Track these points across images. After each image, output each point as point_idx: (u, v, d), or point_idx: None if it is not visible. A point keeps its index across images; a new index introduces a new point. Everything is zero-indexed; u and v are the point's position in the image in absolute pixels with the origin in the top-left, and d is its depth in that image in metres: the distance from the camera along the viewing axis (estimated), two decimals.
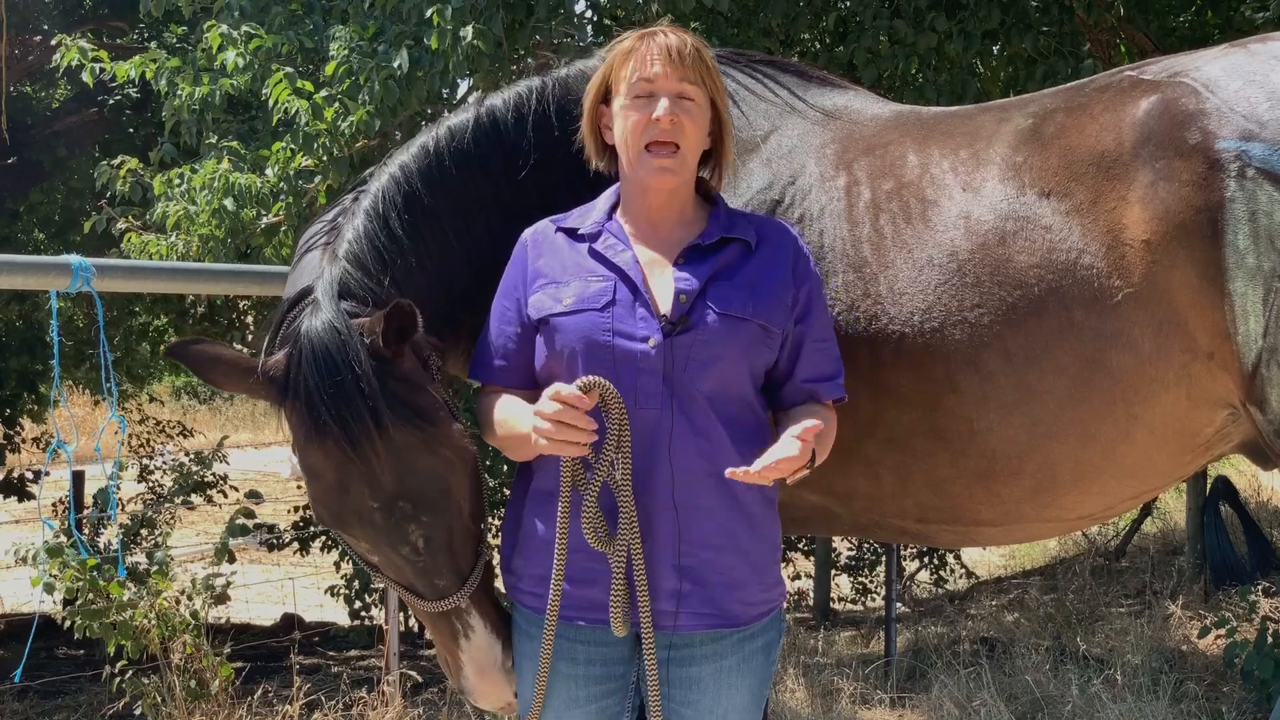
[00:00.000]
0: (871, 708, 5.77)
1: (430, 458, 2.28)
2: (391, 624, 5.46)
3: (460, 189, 2.65)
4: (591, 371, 2.22)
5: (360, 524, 2.29)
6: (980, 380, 2.45)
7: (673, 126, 2.26)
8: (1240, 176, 2.27)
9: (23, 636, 9.47)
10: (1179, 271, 2.32)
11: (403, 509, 2.27)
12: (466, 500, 2.36)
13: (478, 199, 2.67)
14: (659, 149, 2.27)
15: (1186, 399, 2.39)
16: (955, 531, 2.68)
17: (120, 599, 4.70)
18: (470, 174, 2.67)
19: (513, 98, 2.74)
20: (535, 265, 2.38)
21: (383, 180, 2.61)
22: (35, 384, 11.42)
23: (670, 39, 2.30)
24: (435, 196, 2.62)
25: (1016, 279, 2.42)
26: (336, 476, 2.27)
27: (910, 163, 2.59)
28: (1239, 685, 5.53)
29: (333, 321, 2.27)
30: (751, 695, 2.35)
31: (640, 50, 2.31)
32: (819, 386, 2.35)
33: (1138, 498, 2.66)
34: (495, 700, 2.43)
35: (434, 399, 2.33)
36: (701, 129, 2.31)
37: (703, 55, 2.31)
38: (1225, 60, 2.42)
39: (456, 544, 2.35)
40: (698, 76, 2.28)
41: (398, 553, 2.31)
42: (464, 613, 2.37)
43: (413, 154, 2.66)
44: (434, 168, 2.64)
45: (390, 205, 2.56)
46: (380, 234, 2.53)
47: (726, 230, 2.35)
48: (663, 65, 2.27)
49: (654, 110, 2.25)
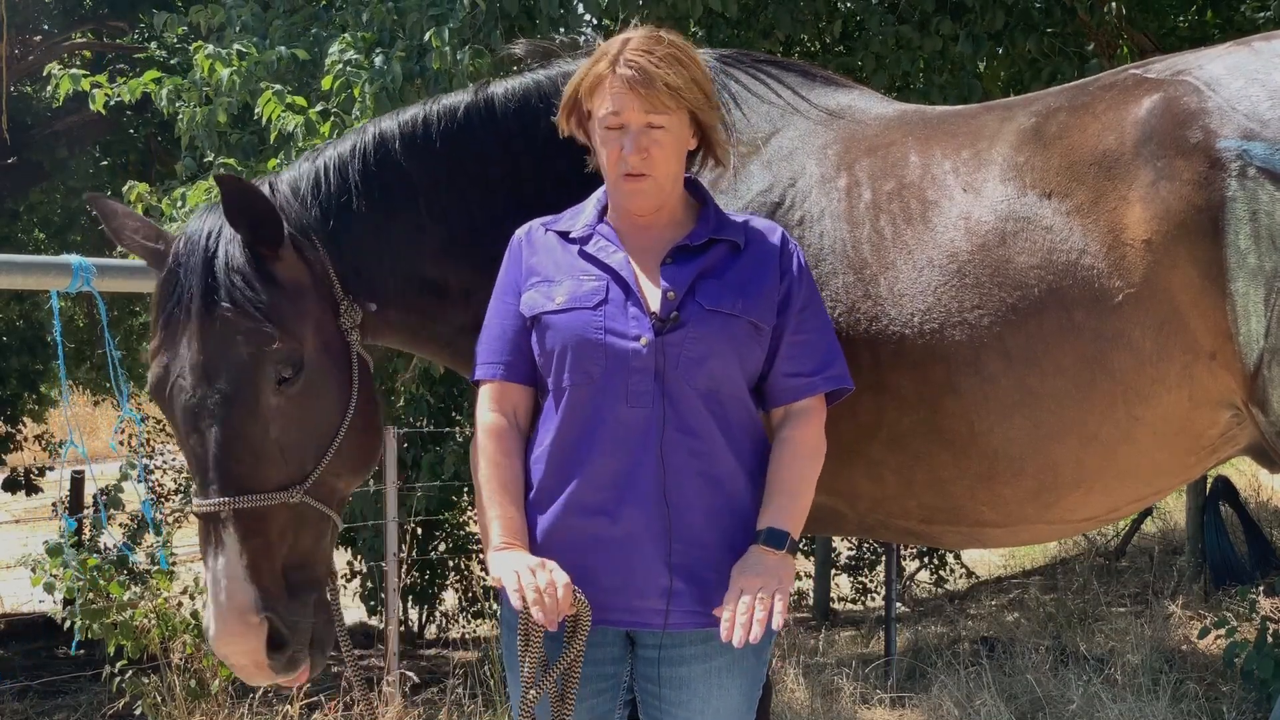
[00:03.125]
0: (871, 707, 5.77)
1: (248, 358, 2.33)
2: (391, 624, 5.46)
3: (443, 164, 2.68)
4: (583, 369, 2.24)
5: (170, 396, 2.37)
6: (981, 381, 2.44)
7: (642, 163, 2.27)
8: (1241, 176, 2.26)
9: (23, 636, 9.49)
10: (1180, 271, 2.31)
11: (204, 395, 2.32)
12: (277, 421, 2.36)
13: (460, 179, 2.69)
14: (633, 178, 2.29)
15: (1188, 400, 2.38)
16: (960, 533, 2.67)
17: (120, 599, 4.70)
18: (457, 153, 2.69)
19: (515, 89, 2.76)
20: (529, 263, 2.38)
21: (366, 136, 2.68)
22: (36, 383, 11.43)
23: (635, 66, 2.25)
24: (412, 162, 2.66)
25: (1017, 280, 2.41)
26: (162, 345, 2.40)
27: (912, 163, 2.58)
28: (1239, 685, 5.53)
29: (222, 214, 2.42)
30: (743, 696, 2.35)
31: (606, 83, 2.29)
32: (798, 382, 2.33)
33: (1142, 500, 2.65)
34: (233, 650, 2.31)
35: (299, 312, 2.41)
36: (674, 150, 2.31)
37: (674, 74, 2.26)
38: (1228, 59, 2.41)
39: (244, 454, 2.33)
40: (666, 102, 2.26)
41: (189, 438, 2.36)
42: (222, 526, 2.32)
43: (401, 120, 2.71)
44: (419, 136, 2.68)
45: (357, 155, 2.65)
46: (333, 174, 2.61)
47: (715, 232, 2.35)
48: (627, 98, 2.26)
49: (624, 145, 2.26)
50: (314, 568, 2.44)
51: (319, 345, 2.44)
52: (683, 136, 2.32)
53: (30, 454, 12.82)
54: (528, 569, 2.16)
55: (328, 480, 2.44)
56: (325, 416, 2.44)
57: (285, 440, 2.37)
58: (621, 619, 2.28)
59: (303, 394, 2.39)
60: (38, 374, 11.16)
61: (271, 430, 2.36)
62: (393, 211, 2.65)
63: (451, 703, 5.27)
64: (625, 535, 2.24)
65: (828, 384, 2.34)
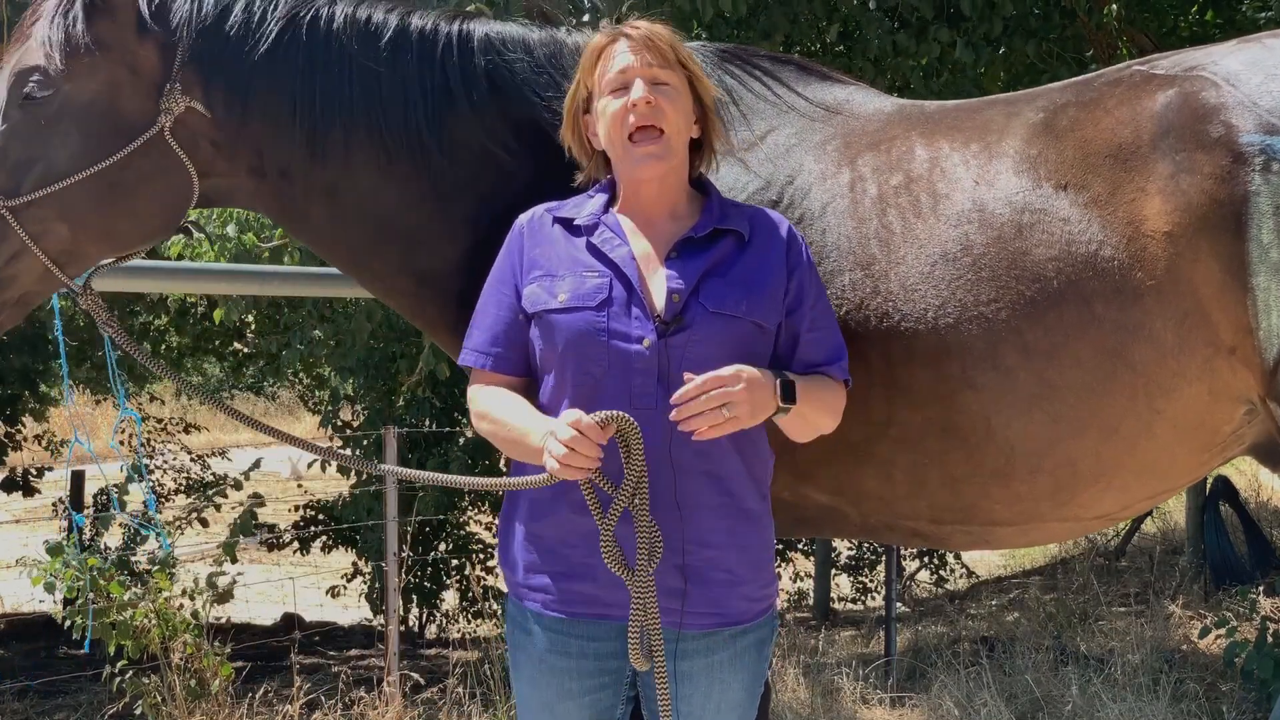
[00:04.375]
0: (871, 707, 5.77)
1: (11, 67, 2.58)
2: (392, 624, 5.46)
3: (391, 72, 2.65)
4: (585, 369, 2.23)
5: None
6: (999, 376, 2.41)
7: (650, 109, 2.26)
8: (1265, 171, 2.25)
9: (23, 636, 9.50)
10: (1202, 264, 2.30)
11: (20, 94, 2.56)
12: (10, 129, 2.55)
13: (405, 94, 2.66)
14: (642, 136, 2.27)
15: (1208, 394, 2.37)
16: (970, 533, 2.65)
17: (121, 599, 4.71)
18: (412, 70, 2.66)
19: (509, 34, 2.74)
20: (531, 254, 2.37)
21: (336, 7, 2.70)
22: (37, 383, 11.42)
23: (638, 30, 2.31)
24: (364, 53, 2.65)
25: (1035, 272, 2.39)
26: None
27: (919, 157, 2.56)
28: (1239, 685, 5.54)
29: None
30: (745, 691, 2.35)
31: (610, 48, 2.32)
32: (818, 371, 2.33)
33: (1154, 497, 2.63)
34: None
35: (92, 64, 2.56)
36: (682, 111, 2.31)
37: (675, 41, 2.32)
38: (1243, 54, 2.40)
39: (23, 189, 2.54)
40: (671, 60, 2.29)
41: None
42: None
43: (380, 14, 2.69)
44: (389, 39, 2.66)
45: (310, 12, 2.66)
46: (252, 12, 2.64)
47: (719, 222, 2.34)
48: (632, 56, 2.28)
49: (631, 96, 2.26)
50: None
51: (94, 95, 2.57)
52: (687, 104, 2.32)
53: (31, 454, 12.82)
54: (553, 439, 2.13)
55: (42, 215, 2.56)
56: (63, 155, 2.56)
57: (9, 149, 2.56)
58: (628, 616, 2.27)
59: (48, 122, 2.56)
60: (39, 373, 11.15)
61: (2, 130, 2.57)
62: (331, 98, 2.65)
63: (451, 703, 5.26)
64: (633, 535, 2.23)
65: (840, 373, 2.35)
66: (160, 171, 2.61)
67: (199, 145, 2.64)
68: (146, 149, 2.59)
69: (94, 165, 2.55)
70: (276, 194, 2.72)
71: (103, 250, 2.71)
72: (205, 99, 2.61)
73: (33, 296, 2.69)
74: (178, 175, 2.63)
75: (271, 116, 2.64)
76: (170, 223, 2.72)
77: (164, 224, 2.72)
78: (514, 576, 2.38)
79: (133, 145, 2.57)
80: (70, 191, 2.55)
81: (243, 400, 26.87)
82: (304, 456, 15.39)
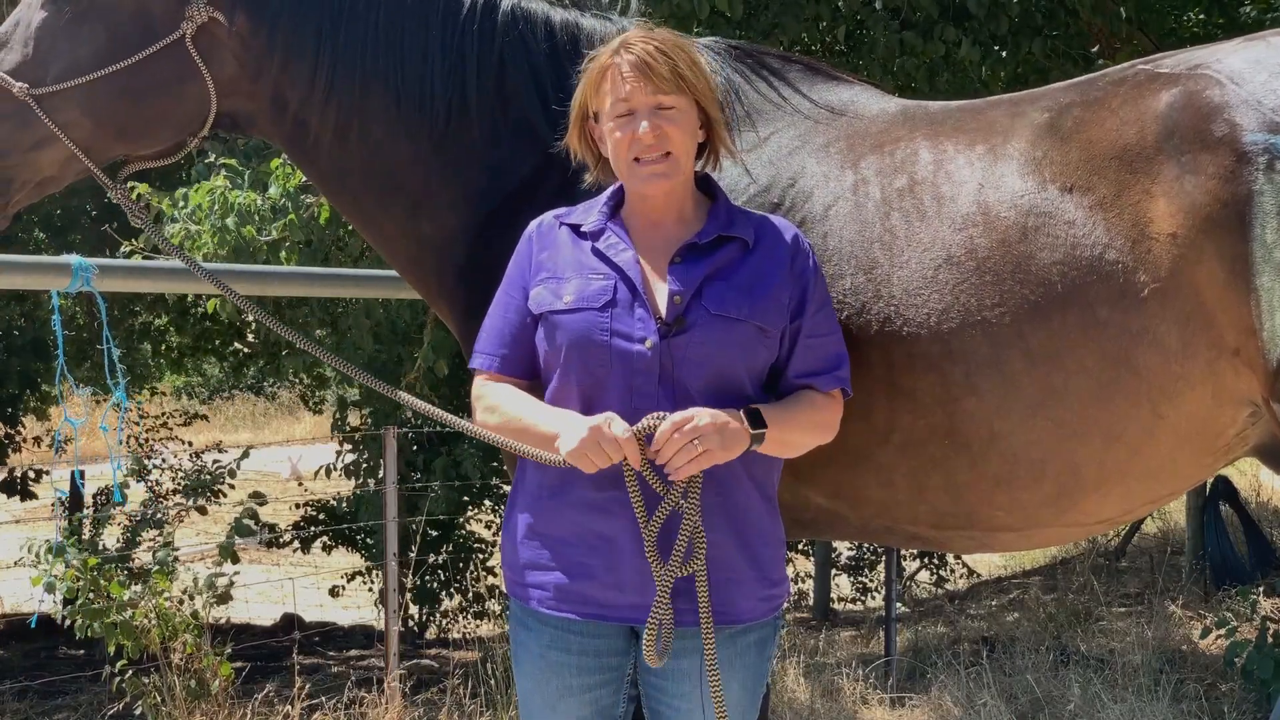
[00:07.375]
0: (871, 707, 5.77)
1: None
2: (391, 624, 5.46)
3: (415, 22, 2.70)
4: (588, 369, 2.25)
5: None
6: (1002, 381, 2.39)
7: (656, 139, 2.27)
8: (1269, 170, 2.23)
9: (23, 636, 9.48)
10: (1206, 266, 2.28)
11: None
12: (41, 22, 2.63)
13: (425, 48, 2.70)
14: (647, 158, 2.28)
15: (1212, 397, 2.35)
16: (971, 537, 2.63)
17: (121, 599, 4.71)
18: (435, 27, 2.70)
19: (545, 11, 2.76)
20: (539, 259, 2.39)
21: None
22: (38, 383, 11.42)
23: (640, 51, 2.28)
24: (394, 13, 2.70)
25: (1039, 276, 2.37)
26: None
27: (923, 159, 2.54)
28: (1239, 685, 5.53)
29: None
30: (744, 690, 2.36)
31: (612, 69, 2.30)
32: (811, 381, 2.33)
33: (1156, 501, 2.62)
34: None
35: None
36: (688, 130, 2.31)
37: (678, 60, 2.29)
38: (1247, 53, 2.38)
39: None
40: (674, 85, 2.28)
41: None
42: None
43: None
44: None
45: None
46: None
47: (725, 228, 2.34)
48: (635, 82, 2.27)
49: (635, 128, 2.26)
50: None
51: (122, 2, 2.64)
52: (692, 122, 2.32)
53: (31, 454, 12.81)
54: (588, 438, 2.15)
55: (65, 106, 2.65)
56: (88, 50, 2.65)
57: (40, 41, 2.65)
58: (629, 615, 2.29)
59: (76, 18, 2.65)
60: (39, 373, 11.15)
61: (34, 23, 2.67)
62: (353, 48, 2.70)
63: (451, 703, 5.27)
64: (635, 534, 2.24)
65: (835, 383, 2.34)
66: (178, 78, 2.69)
67: (223, 59, 2.70)
68: (168, 52, 2.67)
69: (117, 63, 2.63)
70: (294, 128, 2.78)
71: (122, 148, 2.80)
72: (228, 14, 2.67)
73: (50, 183, 2.79)
74: (195, 84, 2.70)
75: (295, 48, 2.69)
76: (185, 129, 2.79)
77: (179, 130, 2.79)
78: (515, 575, 2.39)
79: (154, 47, 2.65)
80: (93, 86, 2.64)
81: (243, 400, 26.91)
82: (304, 457, 15.38)
